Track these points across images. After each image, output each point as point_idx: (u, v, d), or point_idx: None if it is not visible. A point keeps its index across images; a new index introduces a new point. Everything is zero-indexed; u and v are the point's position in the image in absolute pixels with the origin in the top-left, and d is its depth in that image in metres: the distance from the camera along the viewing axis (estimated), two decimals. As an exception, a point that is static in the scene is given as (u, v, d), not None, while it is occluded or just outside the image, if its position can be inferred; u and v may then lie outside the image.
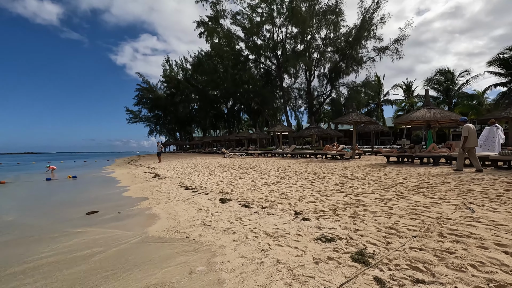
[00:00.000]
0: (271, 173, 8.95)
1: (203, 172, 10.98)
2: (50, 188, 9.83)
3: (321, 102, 33.99)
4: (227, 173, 9.97)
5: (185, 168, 13.27)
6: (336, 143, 15.38)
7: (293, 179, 7.40)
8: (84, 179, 12.55)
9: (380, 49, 30.08)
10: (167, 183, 8.86)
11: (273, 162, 13.17)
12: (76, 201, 6.95)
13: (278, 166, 11.27)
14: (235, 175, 9.26)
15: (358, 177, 6.99)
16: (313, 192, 5.58)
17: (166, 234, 3.73)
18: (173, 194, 6.70)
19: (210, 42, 36.34)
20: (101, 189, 9.05)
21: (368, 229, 3.20)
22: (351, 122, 12.60)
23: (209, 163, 14.91)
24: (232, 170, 10.67)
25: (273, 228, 3.57)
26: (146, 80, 54.66)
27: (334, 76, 30.42)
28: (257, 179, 7.90)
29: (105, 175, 13.94)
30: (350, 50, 28.94)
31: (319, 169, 9.19)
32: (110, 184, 9.80)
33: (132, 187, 8.58)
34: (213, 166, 12.93)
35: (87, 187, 9.70)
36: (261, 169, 10.46)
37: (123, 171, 15.36)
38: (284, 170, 9.69)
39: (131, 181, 10.12)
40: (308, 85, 33.03)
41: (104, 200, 6.75)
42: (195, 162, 16.49)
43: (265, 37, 32.92)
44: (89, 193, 8.08)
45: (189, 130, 59.47)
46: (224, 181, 8.10)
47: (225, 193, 6.18)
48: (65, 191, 9.00)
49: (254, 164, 12.48)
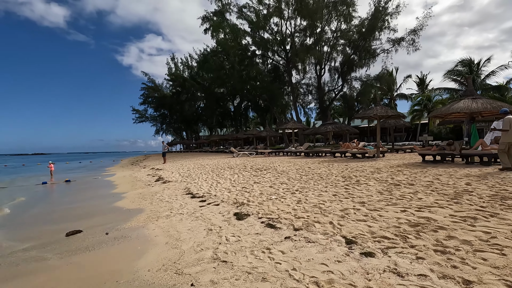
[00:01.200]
0: (290, 176, 7.71)
1: (211, 174, 9.81)
2: (40, 195, 8.80)
3: (332, 98, 32.46)
4: (238, 176, 8.77)
5: (192, 169, 12.13)
6: (356, 140, 14.02)
7: (320, 184, 6.14)
8: (80, 183, 11.54)
9: (394, 40, 28.42)
10: (171, 188, 7.71)
11: (288, 162, 11.91)
12: (61, 213, 5.85)
13: (295, 167, 10.01)
14: (249, 178, 8.05)
15: (402, 181, 5.69)
16: (355, 203, 4.32)
17: (162, 277, 2.54)
18: (176, 205, 5.53)
19: (215, 38, 35.22)
20: (94, 196, 7.96)
21: (488, 280, 1.93)
22: (376, 117, 11.25)
23: (217, 164, 13.74)
24: (244, 173, 9.46)
25: (323, 271, 2.33)
26: (152, 79, 53.96)
27: (347, 69, 28.86)
28: (275, 184, 6.67)
29: (103, 178, 12.92)
30: (363, 41, 27.35)
31: (346, 171, 7.90)
32: (106, 190, 8.71)
33: (129, 194, 7.45)
34: (222, 168, 11.75)
35: (79, 194, 8.62)
36: (277, 170, 9.22)
37: (124, 173, 14.32)
38: (304, 172, 8.43)
39: (131, 186, 9.01)
40: (318, 80, 31.57)
41: (93, 213, 5.62)
42: (202, 163, 15.36)
43: (273, 31, 31.56)
44: (79, 202, 6.99)
45: (196, 129, 58.58)
46: (236, 186, 6.90)
47: (240, 204, 4.98)
48: (54, 199, 7.95)
49: (268, 165, 11.25)
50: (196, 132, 59.40)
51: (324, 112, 32.73)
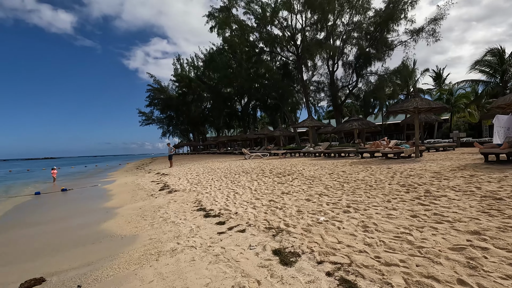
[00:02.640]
0: (326, 184, 6.15)
1: (225, 181, 8.31)
2: (21, 210, 7.42)
3: (347, 94, 30.67)
4: (259, 183, 7.25)
5: (201, 175, 10.67)
6: (387, 138, 12.37)
7: (376, 197, 4.57)
8: (75, 192, 10.20)
9: (413, 31, 26.57)
10: (178, 200, 6.23)
11: (313, 165, 10.33)
12: (28, 243, 4.42)
13: (324, 170, 8.43)
14: (273, 187, 6.52)
15: (499, 193, 4.07)
16: (464, 234, 2.74)
17: None
18: (185, 229, 4.03)
19: (221, 36, 33.92)
20: (83, 212, 6.53)
21: None
22: (415, 110, 9.58)
23: (230, 168, 12.26)
24: (265, 179, 7.93)
25: None
26: (157, 81, 53.01)
27: (363, 62, 27.06)
28: (312, 196, 5.13)
29: (102, 185, 11.54)
30: (380, 33, 25.56)
31: (397, 176, 6.29)
32: (99, 203, 7.27)
33: (126, 209, 5.99)
34: (236, 172, 10.25)
35: (66, 209, 7.18)
36: (305, 176, 7.66)
37: (127, 179, 12.95)
38: (341, 178, 6.85)
39: (130, 197, 7.56)
40: (331, 76, 29.84)
41: (70, 243, 4.14)
42: (212, 166, 13.89)
43: (282, 25, 30.01)
44: (61, 223, 5.54)
45: (203, 130, 57.40)
46: (261, 199, 5.38)
47: (276, 231, 3.46)
48: (33, 217, 6.53)
49: (289, 168, 9.70)
50: (203, 134, 58.22)
51: (337, 109, 31.02)
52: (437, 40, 26.20)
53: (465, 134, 16.91)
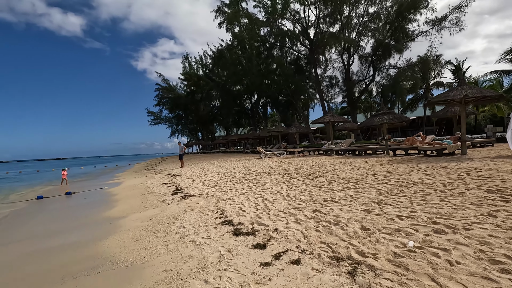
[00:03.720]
0: (379, 189, 4.97)
1: (246, 183, 7.22)
2: (14, 220, 6.49)
3: (363, 89, 29.17)
4: (289, 187, 6.13)
5: (217, 176, 9.62)
6: (422, 133, 11.05)
7: (468, 209, 3.38)
8: (78, 197, 9.28)
9: (435, 21, 24.93)
10: (196, 208, 5.17)
11: (343, 164, 9.14)
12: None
13: (362, 171, 7.24)
14: (309, 192, 5.38)
15: None
16: None
17: None
18: (212, 256, 2.93)
19: (230, 32, 32.89)
20: (82, 223, 5.54)
21: None
22: (461, 100, 8.26)
23: (247, 167, 11.17)
24: (293, 181, 6.80)
25: None
26: (166, 79, 52.50)
27: (381, 54, 25.53)
28: (369, 205, 3.97)
29: (109, 187, 10.61)
30: (400, 22, 23.99)
31: (471, 179, 5.08)
32: (102, 210, 6.27)
33: (132, 220, 4.96)
34: (256, 172, 9.15)
35: (62, 219, 6.15)
36: (342, 177, 6.49)
37: (135, 181, 12.00)
38: (392, 180, 5.66)
39: (139, 203, 6.54)
40: (346, 70, 28.41)
41: (57, 274, 3.08)
42: (226, 166, 12.84)
43: (294, 19, 28.72)
44: (51, 240, 4.51)
45: (211, 129, 56.62)
46: (301, 208, 4.25)
47: (351, 265, 2.32)
48: (21, 231, 5.56)
49: (318, 168, 8.54)
50: (212, 133, 57.42)
51: (353, 105, 29.58)
52: (461, 30, 24.52)
53: (502, 129, 15.34)
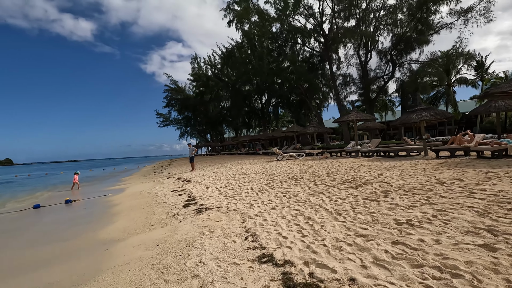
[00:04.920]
0: (470, 206, 3.61)
1: (273, 193, 5.93)
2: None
3: (381, 86, 27.51)
4: (330, 198, 4.81)
5: (234, 182, 8.37)
6: (470, 132, 9.56)
7: None
8: (76, 207, 8.19)
9: (460, 12, 23.16)
10: (216, 230, 3.91)
11: (384, 168, 7.75)
12: None
13: (417, 178, 5.86)
14: (365, 207, 4.06)
15: None
16: None
17: None
18: None
19: (240, 30, 31.83)
20: (67, 250, 4.35)
21: None
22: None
23: (266, 171, 9.89)
24: (334, 190, 5.48)
25: None
26: (174, 81, 51.86)
27: (404, 48, 23.86)
28: (481, 236, 2.62)
29: (112, 194, 9.47)
30: (424, 13, 22.31)
31: None
32: (98, 227, 5.07)
33: (133, 247, 3.70)
34: (280, 178, 7.85)
35: (46, 242, 5.02)
36: (398, 187, 5.14)
37: (142, 186, 10.85)
38: (478, 192, 4.29)
39: (144, 218, 5.31)
40: (363, 66, 26.85)
41: None
42: (242, 170, 11.59)
43: (307, 14, 27.36)
44: (17, 281, 3.34)
45: (221, 130, 55.70)
46: (372, 237, 2.93)
47: None
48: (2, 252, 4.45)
49: (354, 173, 7.19)
50: (221, 134, 56.49)
51: (370, 103, 27.97)
52: (489, 21, 22.75)
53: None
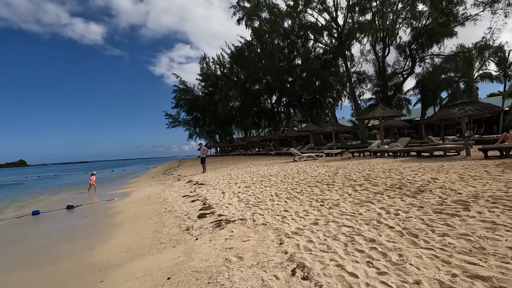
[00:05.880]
0: None
1: (305, 200, 4.89)
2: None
3: (400, 83, 26.09)
4: (386, 210, 3.74)
5: (252, 185, 7.37)
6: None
7: None
8: (78, 214, 7.35)
9: (486, 2, 21.63)
10: (246, 256, 2.90)
11: (432, 171, 6.62)
12: None
13: (488, 183, 4.74)
14: (447, 225, 2.98)
15: None
16: None
17: None
18: None
19: (250, 27, 30.95)
20: (43, 281, 3.43)
21: None
22: None
23: (287, 174, 8.86)
24: (383, 199, 4.41)
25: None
26: (183, 81, 51.46)
27: (426, 41, 22.41)
28: None
29: (118, 199, 8.60)
30: (448, 4, 20.86)
31: None
32: (92, 244, 4.13)
33: (135, 278, 2.73)
34: (308, 182, 6.81)
35: (26, 263, 4.15)
36: (471, 196, 4.04)
37: (150, 190, 9.95)
38: None
39: (152, 233, 4.34)
40: (381, 62, 25.49)
41: None
42: (259, 172, 10.59)
43: (321, 8, 26.19)
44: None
45: (230, 131, 54.98)
46: (502, 281, 1.87)
47: None
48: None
49: (402, 177, 6.10)
50: (230, 135, 55.76)
51: (388, 101, 26.56)
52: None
53: None
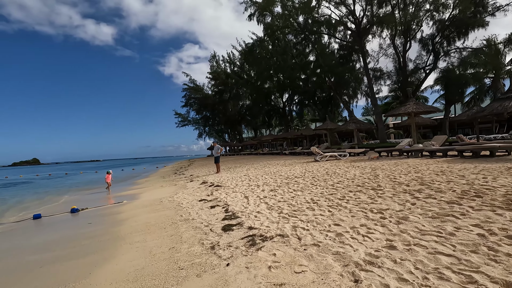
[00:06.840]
0: None
1: (357, 211, 3.87)
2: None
3: (422, 79, 24.61)
4: (479, 227, 2.69)
5: (277, 188, 6.38)
6: None
7: None
8: (82, 219, 6.52)
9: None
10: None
11: (496, 173, 5.50)
12: None
13: None
14: None
15: None
16: None
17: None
18: None
19: (262, 23, 30.00)
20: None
21: None
22: None
23: (316, 176, 7.83)
24: (469, 211, 3.35)
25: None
26: (193, 80, 50.87)
27: (453, 34, 20.92)
28: None
29: (127, 201, 7.75)
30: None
31: None
32: (90, 266, 3.22)
33: None
34: (346, 186, 5.78)
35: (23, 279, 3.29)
36: None
37: (161, 191, 9.08)
38: None
39: (168, 250, 3.39)
40: (402, 57, 24.08)
41: None
42: (280, 172, 9.59)
43: (338, 1, 24.95)
44: None
45: (239, 130, 54.16)
46: None
47: None
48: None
49: (478, 183, 5.01)
50: (240, 134, 54.95)
51: (408, 98, 25.09)
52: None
53: None
